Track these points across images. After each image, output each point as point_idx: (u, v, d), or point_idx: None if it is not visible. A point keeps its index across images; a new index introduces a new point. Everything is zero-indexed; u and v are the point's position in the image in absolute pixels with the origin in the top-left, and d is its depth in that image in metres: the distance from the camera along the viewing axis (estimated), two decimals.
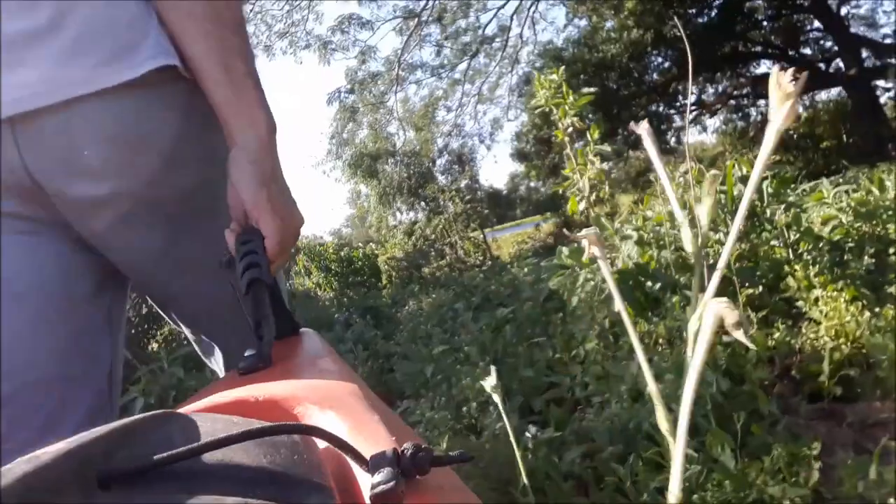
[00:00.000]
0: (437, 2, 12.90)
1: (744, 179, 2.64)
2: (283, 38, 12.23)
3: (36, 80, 0.64)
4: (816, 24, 14.84)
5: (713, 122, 19.02)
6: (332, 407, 0.38)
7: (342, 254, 12.24)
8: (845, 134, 13.94)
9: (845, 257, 2.37)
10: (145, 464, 0.25)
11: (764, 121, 16.49)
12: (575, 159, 2.59)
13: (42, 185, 0.69)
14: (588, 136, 2.85)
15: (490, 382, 1.13)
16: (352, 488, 0.30)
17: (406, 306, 6.70)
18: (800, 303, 2.18)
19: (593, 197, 2.51)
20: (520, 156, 15.06)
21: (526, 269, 5.02)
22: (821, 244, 2.44)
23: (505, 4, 13.43)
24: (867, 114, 12.97)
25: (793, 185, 2.95)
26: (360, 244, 15.12)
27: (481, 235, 14.85)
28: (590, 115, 13.46)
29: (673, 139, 14.62)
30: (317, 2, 12.07)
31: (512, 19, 13.80)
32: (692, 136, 15.72)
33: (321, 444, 0.33)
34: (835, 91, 15.80)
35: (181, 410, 0.37)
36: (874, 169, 6.46)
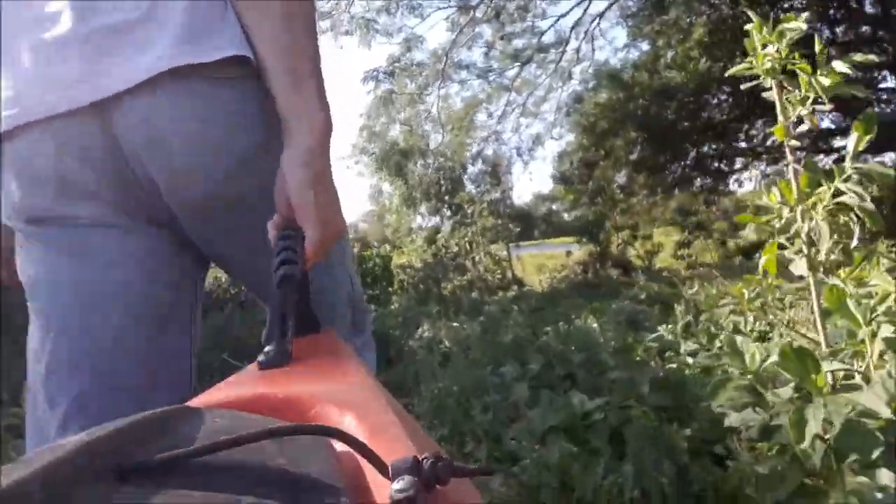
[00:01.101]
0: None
1: None
2: (324, 18, 11.29)
3: (122, 68, 0.69)
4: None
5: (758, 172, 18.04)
6: (352, 409, 0.38)
7: (355, 250, 11.27)
8: None
9: None
10: (163, 458, 0.26)
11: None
12: (795, 178, 1.36)
13: (133, 165, 0.72)
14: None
15: None
16: (368, 493, 0.30)
17: (421, 331, 5.67)
18: None
19: (826, 251, 1.25)
20: (561, 178, 14.07)
21: (597, 323, 4.01)
22: None
23: (567, 13, 12.47)
24: None
25: None
26: (375, 242, 14.22)
27: (504, 252, 13.89)
28: (639, 144, 12.54)
29: (732, 183, 13.54)
30: None
31: (571, 31, 12.83)
32: (743, 185, 14.53)
33: (339, 446, 0.32)
34: None
35: (200, 404, 0.38)
36: None
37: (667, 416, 1.91)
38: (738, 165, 13.42)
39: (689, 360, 2.77)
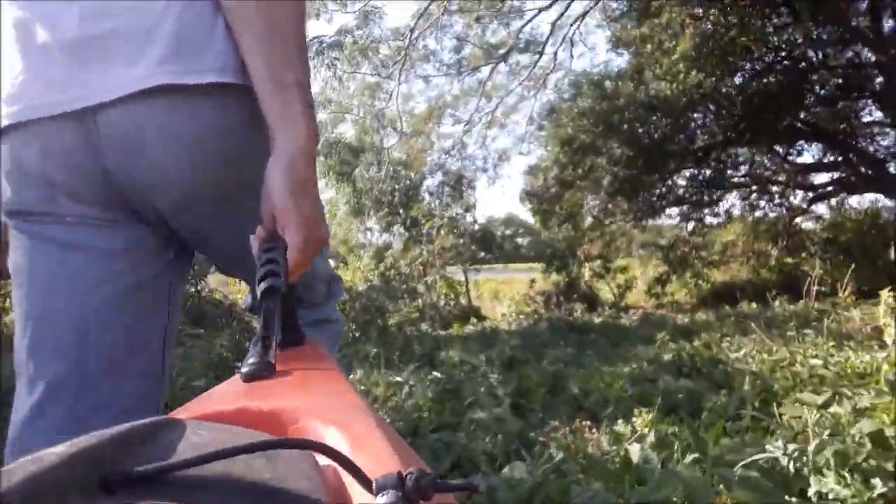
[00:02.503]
0: None
1: None
2: None
3: (108, 76, 0.71)
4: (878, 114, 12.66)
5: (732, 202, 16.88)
6: (336, 423, 0.38)
7: None
8: None
9: None
10: (147, 471, 0.26)
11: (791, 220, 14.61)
12: None
13: (114, 172, 0.76)
14: None
15: None
16: None
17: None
18: None
19: None
20: (532, 196, 12.34)
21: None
22: None
23: (549, 7, 10.91)
24: None
25: None
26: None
27: (460, 275, 12.13)
28: (623, 163, 11.01)
29: (711, 213, 12.12)
30: None
31: (551, 32, 11.30)
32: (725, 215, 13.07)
33: (323, 460, 0.32)
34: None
35: (183, 415, 0.38)
36: None
37: None
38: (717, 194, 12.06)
39: None
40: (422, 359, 5.25)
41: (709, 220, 12.16)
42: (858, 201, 14.11)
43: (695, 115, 11.94)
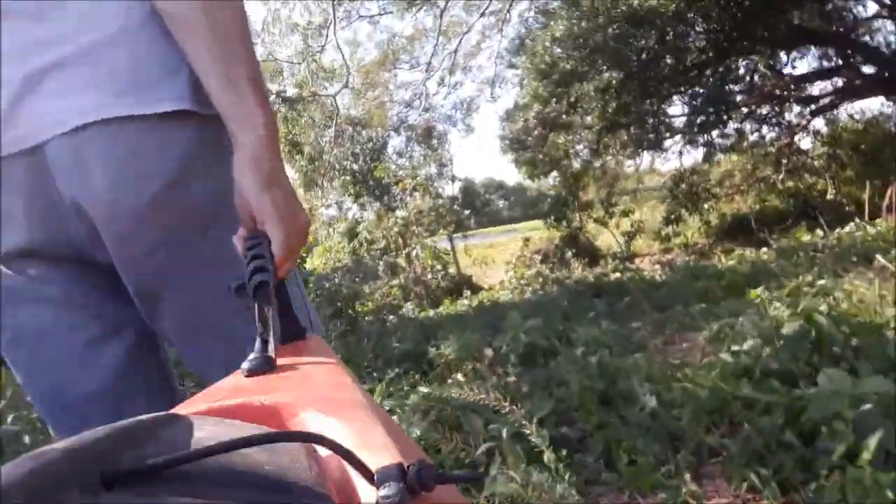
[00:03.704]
0: None
1: None
2: None
3: (58, 108, 0.70)
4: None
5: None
6: (337, 415, 0.38)
7: None
8: None
9: None
10: (149, 465, 0.26)
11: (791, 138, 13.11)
12: None
13: (66, 201, 0.73)
14: None
15: None
16: (354, 500, 0.30)
17: None
18: None
19: None
20: (513, 143, 10.79)
21: None
22: None
23: None
24: None
25: None
26: None
27: (446, 244, 10.73)
28: (613, 89, 9.51)
29: (720, 134, 10.66)
30: None
31: None
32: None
33: (324, 452, 0.32)
34: None
35: (185, 411, 0.38)
36: None
37: None
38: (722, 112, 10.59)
39: None
40: (404, 361, 3.86)
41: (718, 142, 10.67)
42: (861, 108, 12.83)
43: (684, 28, 10.43)
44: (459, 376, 3.34)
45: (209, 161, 0.74)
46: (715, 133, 10.30)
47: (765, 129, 12.47)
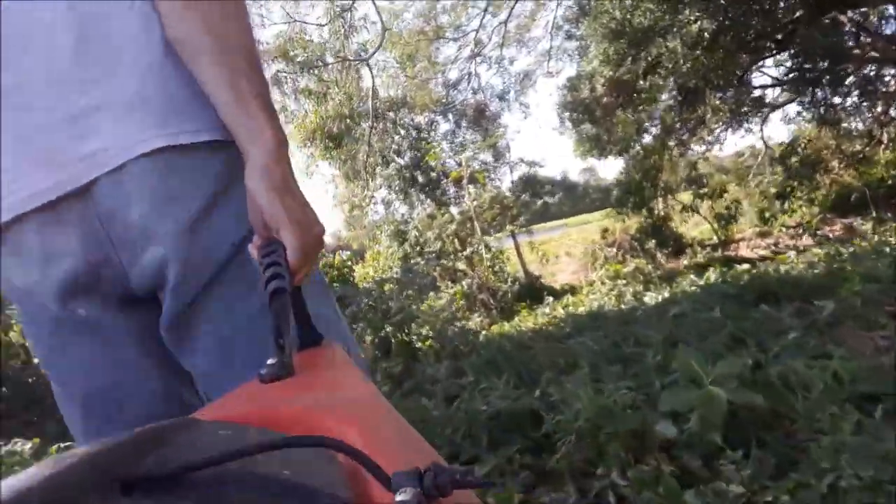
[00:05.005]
0: None
1: None
2: None
3: (103, 147, 0.71)
4: None
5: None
6: (354, 421, 0.38)
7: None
8: None
9: None
10: (167, 471, 0.26)
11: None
12: None
13: (110, 236, 0.75)
14: None
15: None
16: None
17: None
18: None
19: None
20: (575, 111, 9.14)
21: None
22: None
23: None
24: None
25: None
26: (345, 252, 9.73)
27: (507, 242, 9.29)
28: (694, 50, 7.82)
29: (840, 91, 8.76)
30: None
31: None
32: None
33: (342, 458, 0.32)
34: None
35: (204, 417, 0.39)
36: None
37: None
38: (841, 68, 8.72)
39: None
40: (502, 431, 2.44)
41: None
42: None
43: None
44: (616, 477, 1.91)
45: (237, 185, 0.73)
46: (829, 91, 8.50)
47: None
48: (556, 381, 2.93)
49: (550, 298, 6.61)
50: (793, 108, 9.56)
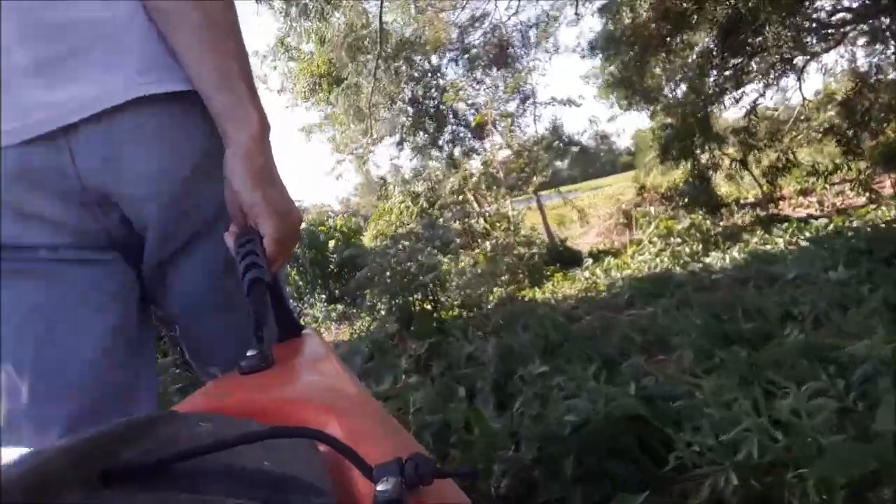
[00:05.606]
0: None
1: None
2: None
3: (80, 93, 0.68)
4: None
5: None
6: (335, 412, 0.38)
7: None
8: None
9: None
10: (148, 462, 0.26)
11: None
12: None
13: (92, 190, 0.72)
14: None
15: None
16: (353, 494, 0.30)
17: None
18: None
19: None
20: (611, 46, 8.00)
21: None
22: None
23: None
24: None
25: None
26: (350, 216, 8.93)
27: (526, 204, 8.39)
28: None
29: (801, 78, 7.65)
30: None
31: None
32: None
33: (323, 448, 0.32)
34: None
35: (184, 409, 0.38)
36: None
37: None
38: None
39: None
40: (600, 462, 1.56)
41: None
42: None
43: None
44: None
45: (220, 152, 0.72)
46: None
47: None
48: (664, 373, 2.04)
49: (590, 260, 5.68)
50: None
